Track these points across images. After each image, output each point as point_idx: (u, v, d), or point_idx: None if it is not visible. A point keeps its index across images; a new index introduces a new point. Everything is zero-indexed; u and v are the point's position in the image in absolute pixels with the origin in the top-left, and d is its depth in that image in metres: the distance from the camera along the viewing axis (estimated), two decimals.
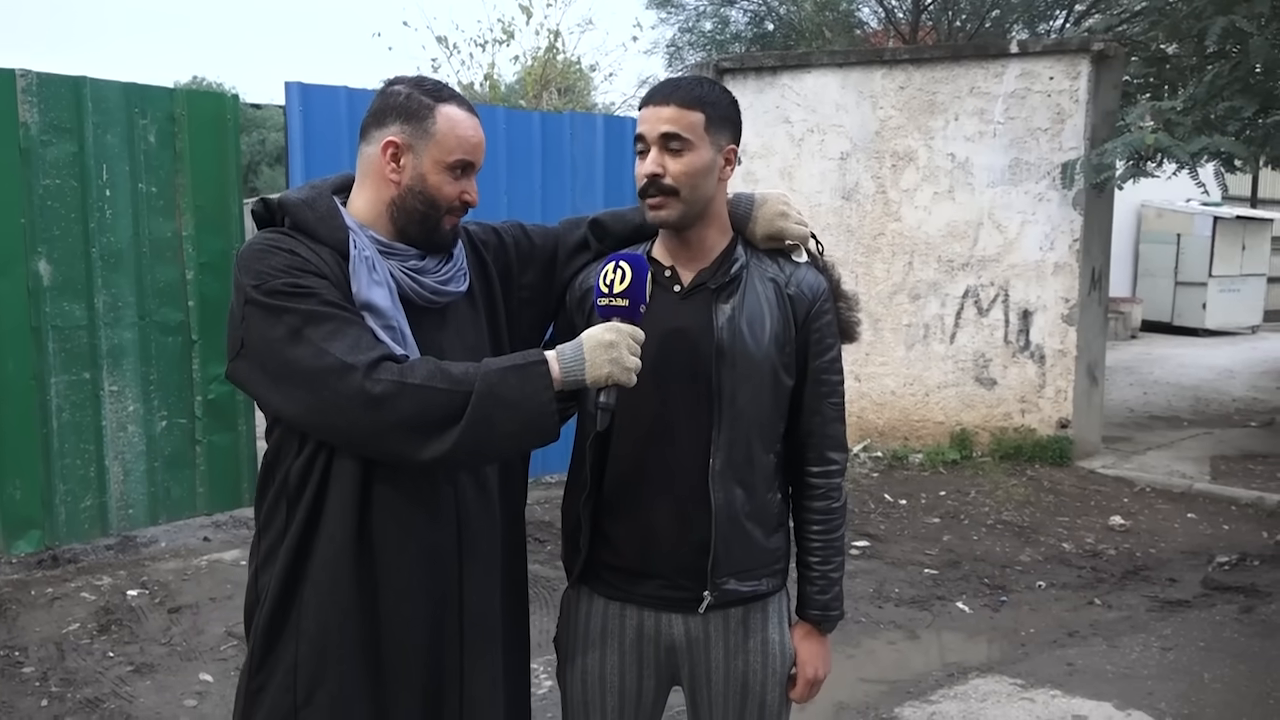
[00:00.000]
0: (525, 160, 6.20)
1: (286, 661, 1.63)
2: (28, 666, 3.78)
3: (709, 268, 1.78)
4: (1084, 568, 5.06)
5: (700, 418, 1.74)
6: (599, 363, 1.56)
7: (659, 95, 1.72)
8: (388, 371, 1.49)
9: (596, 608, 1.83)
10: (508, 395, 1.51)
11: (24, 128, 4.55)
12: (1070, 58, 6.73)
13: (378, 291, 1.59)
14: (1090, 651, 4.07)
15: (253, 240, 1.65)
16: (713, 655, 1.79)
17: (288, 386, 1.54)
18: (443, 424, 1.49)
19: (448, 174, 1.66)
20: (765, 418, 1.78)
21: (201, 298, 5.11)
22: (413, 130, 1.65)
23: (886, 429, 7.28)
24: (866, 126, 7.21)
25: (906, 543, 5.42)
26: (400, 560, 1.63)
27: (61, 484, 4.76)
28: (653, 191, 1.71)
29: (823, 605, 1.86)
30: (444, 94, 1.68)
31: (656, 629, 1.80)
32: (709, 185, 1.73)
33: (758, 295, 1.77)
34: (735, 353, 1.73)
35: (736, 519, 1.75)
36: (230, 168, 5.24)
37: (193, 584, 4.63)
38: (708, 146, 1.71)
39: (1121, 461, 7.08)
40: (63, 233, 4.69)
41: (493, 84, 13.41)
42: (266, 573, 1.66)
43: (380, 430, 1.50)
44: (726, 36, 13.31)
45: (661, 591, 1.78)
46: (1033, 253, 6.91)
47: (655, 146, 1.69)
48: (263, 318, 1.54)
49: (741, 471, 1.75)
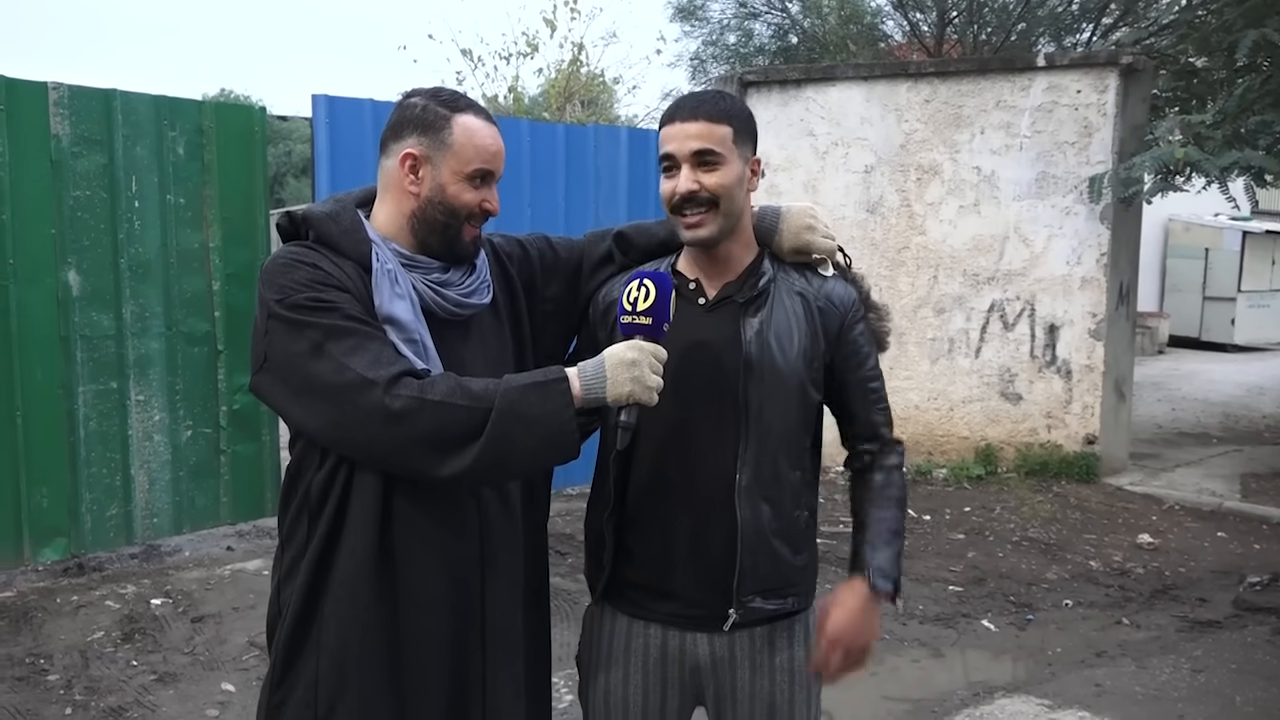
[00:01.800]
0: (549, 172, 6.22)
1: (307, 677, 1.62)
2: (53, 674, 3.81)
3: (735, 281, 1.76)
4: (1112, 586, 4.99)
5: (726, 433, 1.71)
6: (620, 381, 1.54)
7: (685, 111, 1.69)
8: (408, 387, 1.48)
9: (620, 626, 1.81)
10: (528, 413, 1.50)
11: (55, 140, 4.61)
12: (1098, 71, 6.68)
13: (400, 305, 1.59)
14: (1119, 672, 4.01)
15: (276, 254, 1.65)
16: (738, 675, 1.76)
17: (309, 400, 1.54)
18: (462, 441, 1.48)
19: (466, 183, 1.65)
20: (792, 433, 1.75)
21: (228, 308, 5.15)
22: (430, 142, 1.65)
23: (910, 444, 7.22)
24: (891, 140, 7.19)
25: (931, 559, 5.37)
26: (422, 574, 1.62)
27: (88, 492, 4.80)
28: (690, 209, 1.68)
29: (876, 566, 1.72)
30: (460, 104, 1.68)
31: (680, 648, 1.77)
32: (741, 197, 1.72)
33: (786, 309, 1.74)
34: (763, 367, 1.70)
35: (763, 536, 1.72)
36: (257, 180, 5.28)
37: (216, 593, 4.65)
38: (737, 159, 1.69)
39: (1149, 479, 6.99)
40: (92, 243, 4.74)
41: (516, 96, 13.48)
42: (288, 586, 1.66)
43: (400, 446, 1.49)
44: (750, 49, 13.33)
45: (686, 610, 1.75)
46: (1060, 267, 6.85)
47: (687, 164, 1.67)
48: (285, 332, 1.54)
49: (768, 488, 1.72)
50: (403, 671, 1.63)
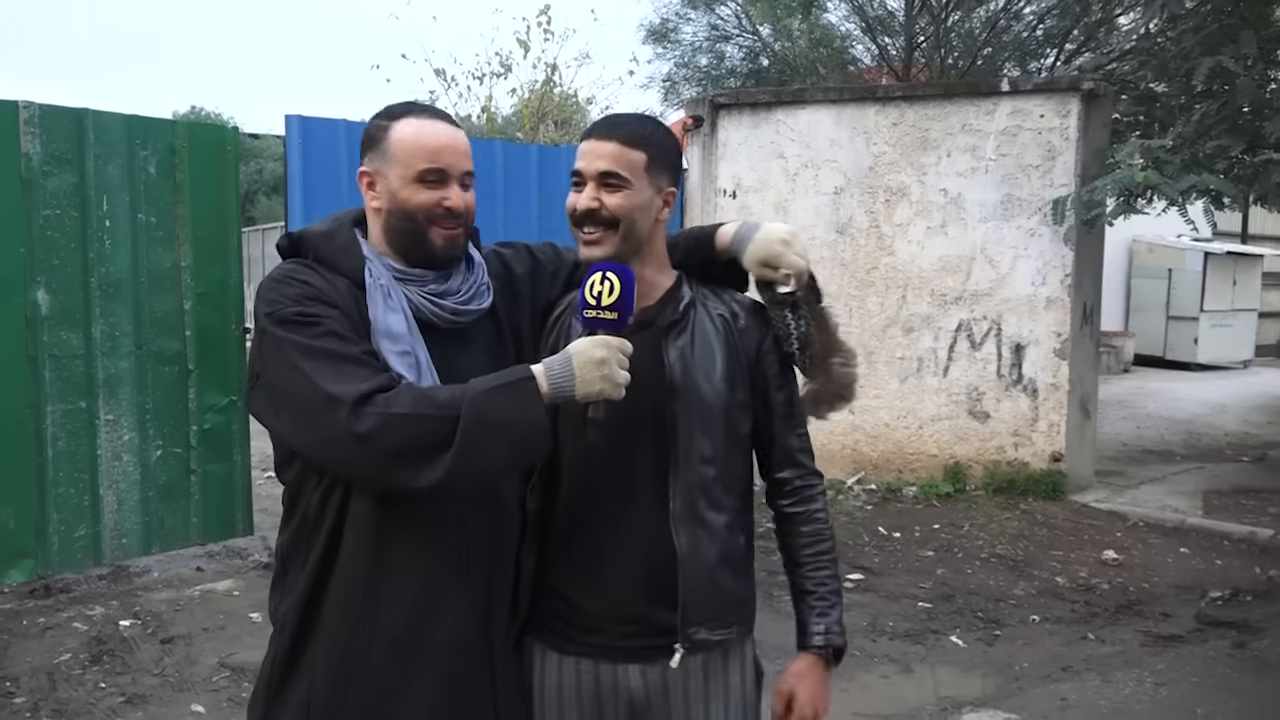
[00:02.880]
0: (522, 192, 6.27)
1: (300, 697, 1.62)
2: (19, 697, 3.76)
3: (654, 306, 1.73)
4: (1077, 602, 5.06)
5: (655, 460, 1.69)
6: (589, 379, 1.53)
7: (602, 130, 1.68)
8: (375, 404, 1.48)
9: (550, 661, 1.75)
10: (497, 416, 1.50)
11: (25, 158, 4.59)
12: (1060, 96, 6.83)
13: (394, 318, 1.61)
14: (1084, 686, 4.07)
15: (272, 271, 1.69)
16: (673, 707, 1.71)
17: (287, 417, 1.55)
18: (433, 451, 1.48)
19: (417, 185, 1.64)
20: (724, 456, 1.72)
21: (199, 328, 5.13)
22: (377, 155, 1.68)
23: (880, 461, 7.30)
24: (860, 162, 7.29)
25: (900, 576, 5.43)
26: (418, 596, 1.62)
27: (55, 513, 4.75)
28: (589, 226, 1.66)
29: (825, 629, 1.75)
30: (399, 111, 1.70)
31: (614, 682, 1.71)
32: (645, 224, 1.69)
33: (707, 332, 1.72)
34: (688, 391, 1.68)
35: (701, 563, 1.69)
36: (230, 199, 5.28)
37: (185, 614, 4.61)
38: (646, 186, 1.67)
39: (1114, 495, 7.09)
40: (62, 262, 4.72)
41: (490, 116, 13.52)
42: (286, 603, 1.66)
43: (371, 463, 1.49)
44: (722, 72, 13.45)
45: (618, 641, 1.70)
46: (1025, 287, 6.97)
47: (593, 182, 1.66)
48: (272, 346, 1.56)
49: (702, 513, 1.69)
50: (399, 692, 1.62)
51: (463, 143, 1.69)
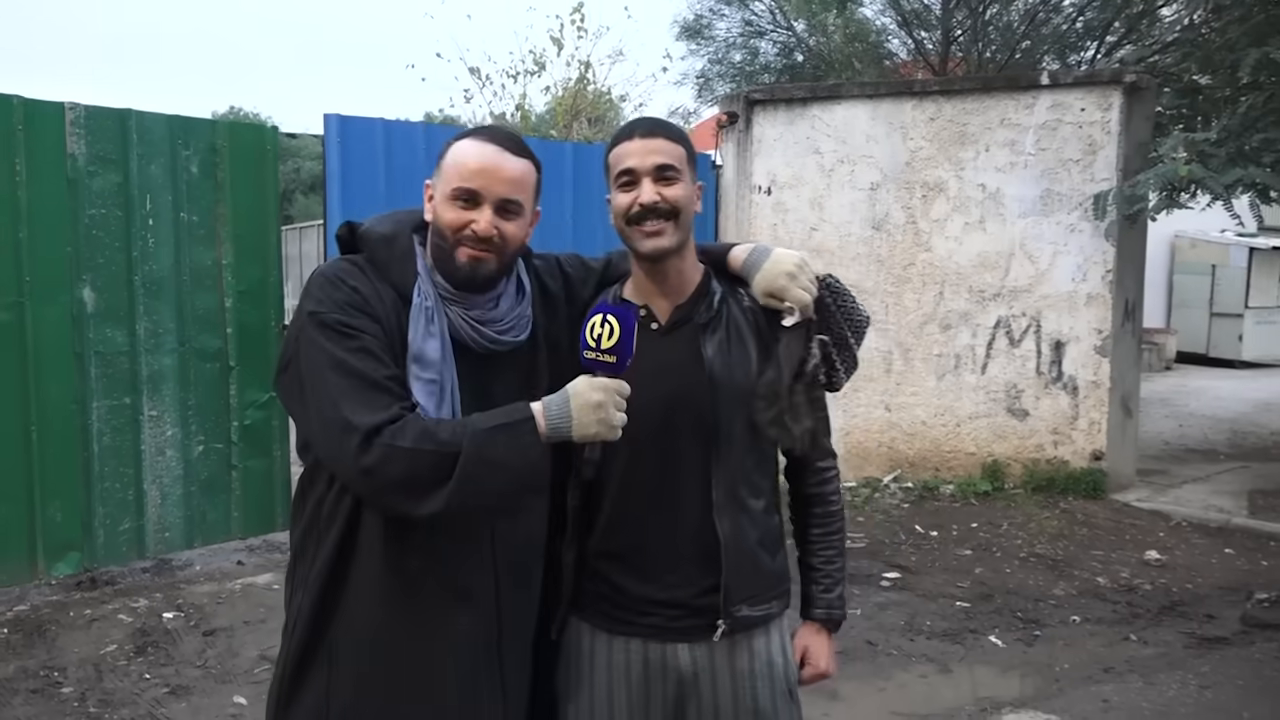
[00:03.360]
0: (556, 190, 6.27)
1: (318, 688, 1.64)
2: (67, 687, 3.84)
3: (687, 302, 1.80)
4: (1119, 603, 4.99)
5: (697, 451, 1.75)
6: (586, 422, 1.57)
7: (644, 129, 1.77)
8: (382, 437, 1.51)
9: (599, 643, 1.81)
10: (494, 455, 1.53)
11: (71, 159, 4.68)
12: (1102, 89, 6.73)
13: (430, 344, 1.62)
14: (1126, 688, 4.01)
15: (327, 265, 1.70)
16: (720, 683, 1.79)
17: (309, 421, 1.60)
18: (432, 484, 1.51)
19: (451, 204, 1.65)
20: (761, 445, 1.81)
21: (240, 325, 5.20)
22: (437, 170, 1.71)
23: (917, 459, 7.24)
24: (897, 157, 7.23)
25: (938, 575, 5.38)
26: (432, 594, 1.64)
27: (101, 507, 4.84)
28: (652, 218, 1.72)
29: (827, 604, 1.91)
30: (469, 131, 1.72)
31: (662, 660, 1.78)
32: (692, 215, 1.79)
33: (739, 325, 1.80)
34: (727, 384, 1.75)
35: (743, 546, 1.77)
36: (269, 198, 5.34)
37: (227, 607, 4.68)
38: (690, 179, 1.77)
39: (1157, 495, 6.98)
40: (107, 261, 4.80)
41: (524, 114, 13.57)
42: (298, 597, 1.68)
43: (374, 492, 1.54)
44: (756, 68, 13.38)
45: (669, 623, 1.77)
46: (1065, 283, 6.88)
47: (648, 177, 1.72)
48: (309, 344, 1.59)
49: (743, 499, 1.78)
50: (413, 689, 1.64)
51: (509, 169, 1.66)
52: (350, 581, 1.63)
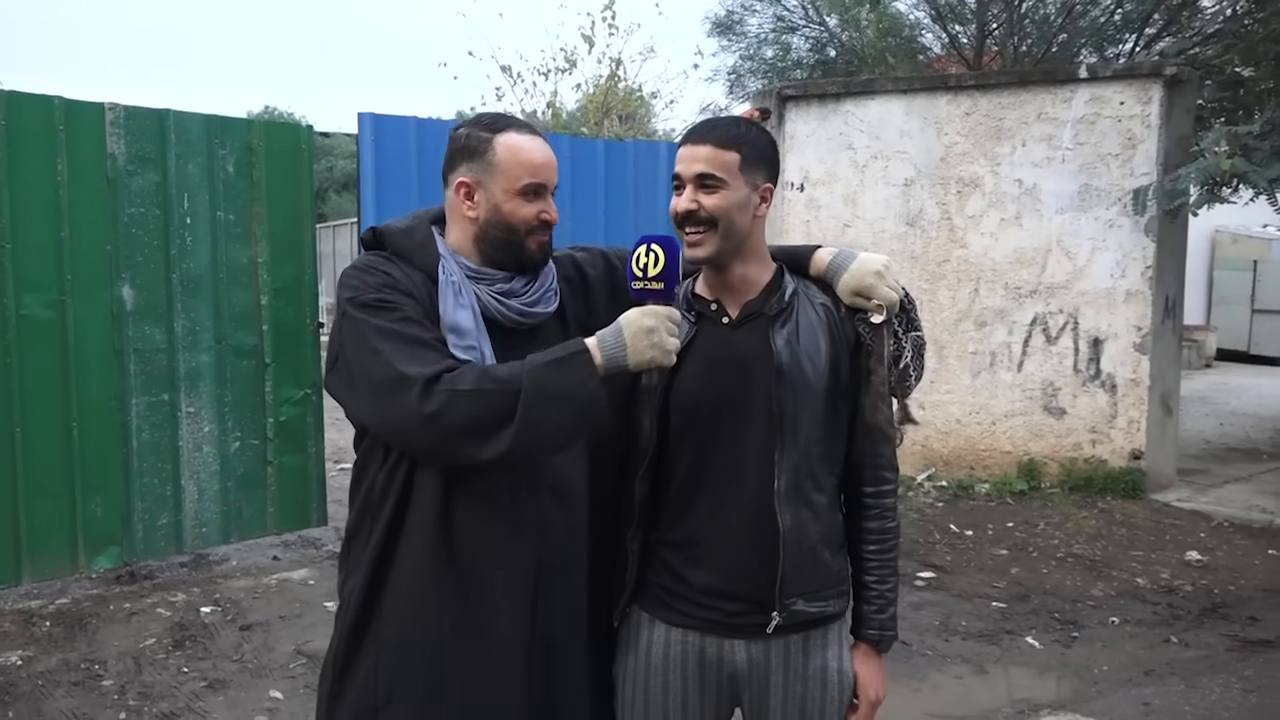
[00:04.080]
0: (589, 187, 6.28)
1: (368, 666, 1.68)
2: (107, 680, 3.89)
3: (758, 298, 1.81)
4: (1159, 604, 4.91)
5: (762, 441, 1.75)
6: (640, 348, 1.60)
7: (696, 135, 1.77)
8: (441, 383, 1.55)
9: (658, 633, 1.83)
10: (555, 388, 1.56)
11: (111, 158, 4.73)
12: (1141, 82, 6.61)
13: (463, 314, 1.67)
14: (1168, 691, 3.95)
15: (355, 261, 1.77)
16: (773, 682, 1.79)
17: (361, 395, 1.63)
18: (497, 425, 1.54)
19: (520, 199, 1.73)
20: (827, 439, 1.80)
21: (275, 322, 5.25)
22: (478, 166, 1.73)
23: (951, 458, 7.17)
24: (931, 153, 7.16)
25: (973, 575, 5.32)
26: (480, 571, 1.67)
27: (140, 502, 4.91)
28: (690, 225, 1.75)
29: (880, 624, 1.87)
30: (500, 124, 1.76)
31: (719, 654, 1.80)
32: (744, 221, 1.77)
33: (811, 321, 1.80)
34: (795, 376, 1.75)
35: (804, 540, 1.77)
36: (304, 196, 5.38)
37: (263, 602, 4.72)
38: (742, 185, 1.75)
39: (1197, 495, 6.87)
40: (145, 259, 4.86)
41: (555, 111, 13.59)
42: (351, 581, 1.72)
43: (439, 439, 1.56)
44: (788, 64, 13.31)
45: (726, 619, 1.78)
46: (1103, 280, 6.78)
47: (690, 184, 1.75)
48: (351, 328, 1.64)
49: (807, 492, 1.77)
50: (462, 666, 1.67)
51: (554, 157, 1.79)
52: (398, 562, 1.67)
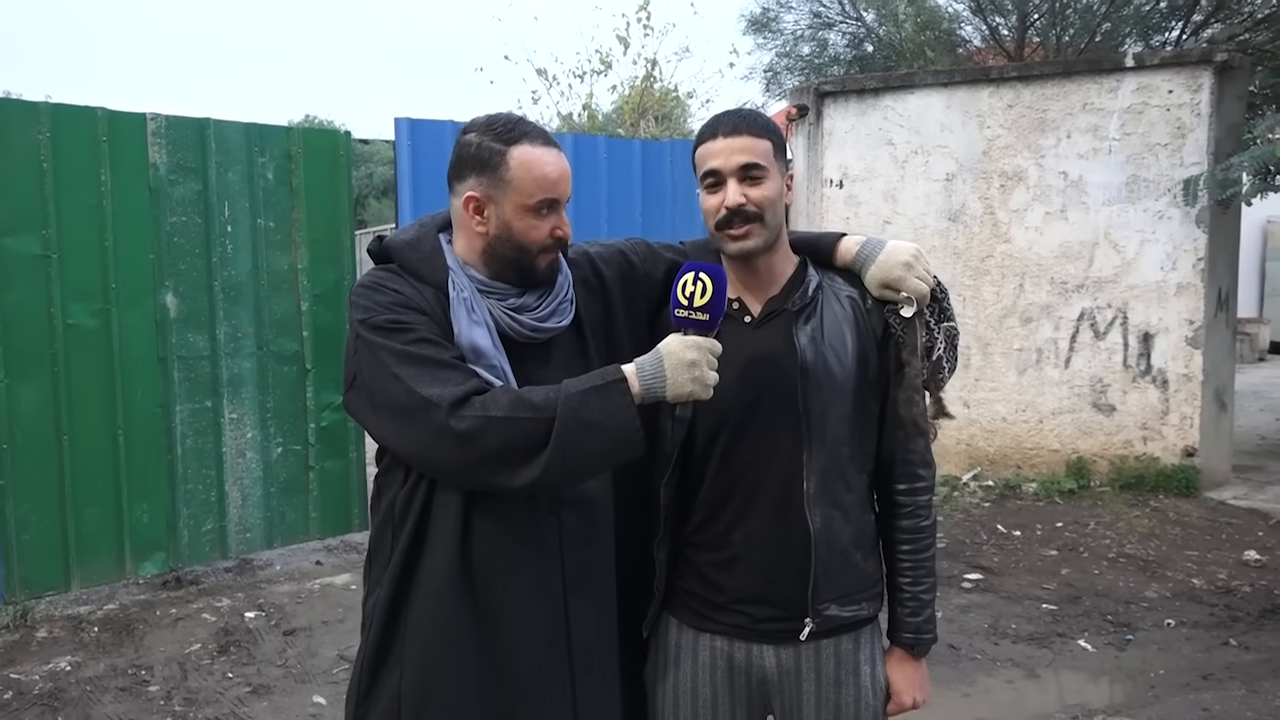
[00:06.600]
0: (626, 188, 6.25)
1: (390, 689, 1.64)
2: (153, 685, 3.93)
3: (780, 294, 1.76)
4: (1216, 605, 4.77)
5: (789, 441, 1.70)
6: (680, 381, 1.54)
7: (727, 126, 1.69)
8: (472, 407, 1.50)
9: (686, 639, 1.79)
10: (590, 417, 1.51)
11: (153, 168, 4.79)
12: (1190, 70, 6.45)
13: (478, 332, 1.61)
14: (1227, 696, 3.82)
15: (363, 277, 1.71)
16: (804, 688, 1.75)
17: (387, 419, 1.57)
18: (530, 452, 1.50)
19: (532, 216, 1.64)
20: (856, 437, 1.74)
21: (315, 328, 5.28)
22: (489, 181, 1.64)
23: (997, 457, 7.04)
24: (973, 146, 7.04)
25: (1022, 576, 5.21)
26: (503, 591, 1.63)
27: (185, 508, 4.96)
28: (738, 221, 1.67)
29: (915, 628, 1.81)
30: (515, 134, 1.64)
31: (747, 660, 1.76)
32: (781, 211, 1.72)
33: (836, 315, 1.74)
34: (820, 372, 1.70)
35: (835, 542, 1.72)
36: (343, 202, 5.41)
37: (306, 607, 4.75)
38: (778, 174, 1.70)
39: (1254, 492, 6.68)
40: (188, 267, 4.91)
41: (591, 113, 13.58)
42: (373, 596, 1.69)
43: (471, 464, 1.52)
44: (825, 60, 13.17)
45: (755, 624, 1.74)
46: (1153, 273, 6.62)
47: (733, 178, 1.67)
48: (367, 351, 1.59)
49: (837, 493, 1.72)
50: (486, 687, 1.63)
51: (569, 167, 1.69)
52: (420, 581, 1.63)
